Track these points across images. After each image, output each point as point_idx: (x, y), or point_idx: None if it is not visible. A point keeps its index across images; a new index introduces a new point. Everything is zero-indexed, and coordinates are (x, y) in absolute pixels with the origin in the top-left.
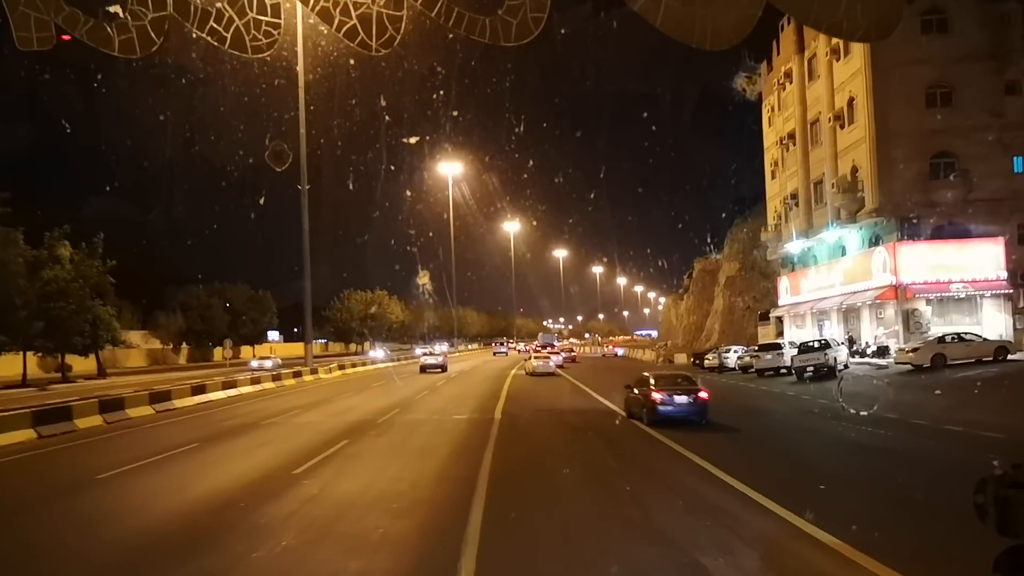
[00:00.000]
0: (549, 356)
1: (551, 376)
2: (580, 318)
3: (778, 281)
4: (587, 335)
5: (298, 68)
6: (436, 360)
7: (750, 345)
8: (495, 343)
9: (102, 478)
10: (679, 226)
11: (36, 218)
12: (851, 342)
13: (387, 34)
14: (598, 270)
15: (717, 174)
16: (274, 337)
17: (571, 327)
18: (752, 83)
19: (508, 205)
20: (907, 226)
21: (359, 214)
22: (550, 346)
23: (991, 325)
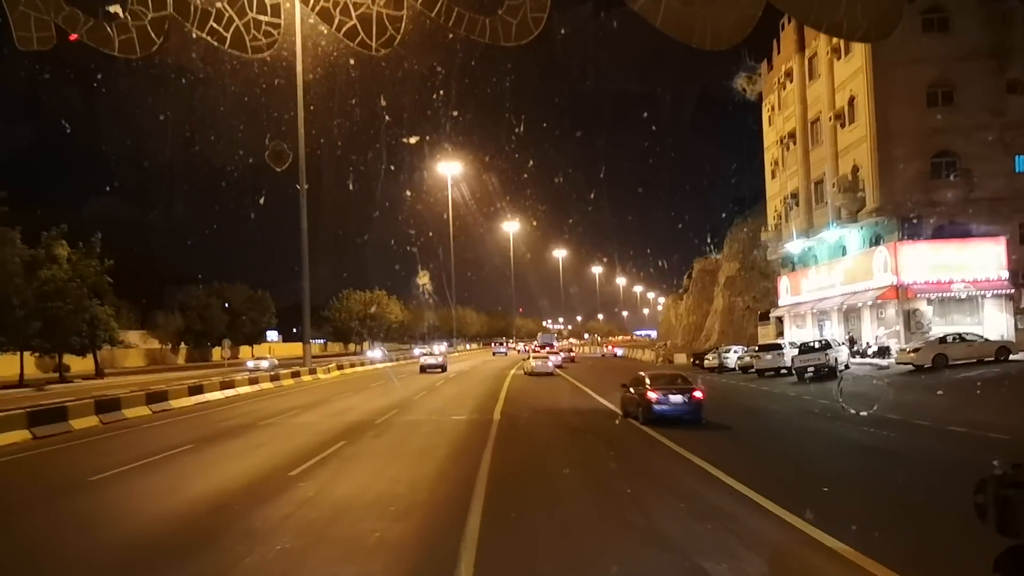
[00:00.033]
0: (548, 356)
1: (550, 376)
2: (579, 318)
3: (778, 281)
4: (586, 335)
5: (297, 68)
6: (436, 360)
7: (750, 345)
8: (494, 343)
9: (95, 480)
10: (679, 226)
11: (36, 218)
12: (852, 342)
13: (387, 34)
14: (598, 270)
15: (717, 174)
16: (273, 337)
17: (570, 327)
18: (752, 83)
19: (508, 205)
20: (908, 226)
21: (359, 214)
22: (549, 346)
23: (992, 325)
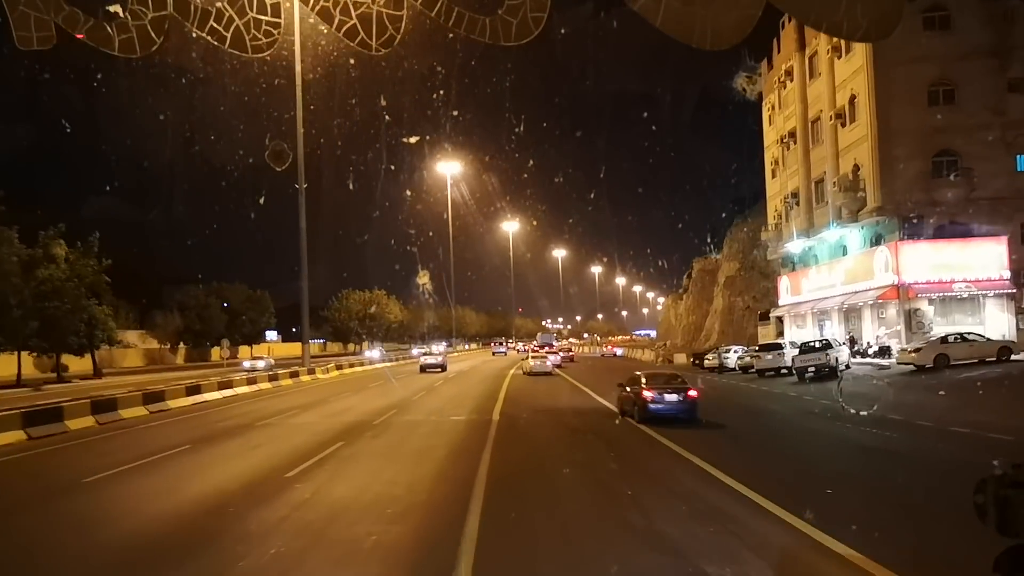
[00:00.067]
0: (546, 356)
1: (549, 376)
2: (579, 318)
3: (778, 281)
4: (586, 335)
5: (296, 67)
6: (435, 360)
7: (750, 345)
8: (494, 343)
9: (89, 481)
10: (679, 226)
11: (36, 217)
12: (852, 342)
13: (387, 34)
14: (597, 270)
15: (717, 174)
16: (272, 337)
17: (570, 327)
18: (752, 83)
19: (508, 205)
20: (909, 225)
21: (359, 214)
22: (548, 346)
23: (994, 325)
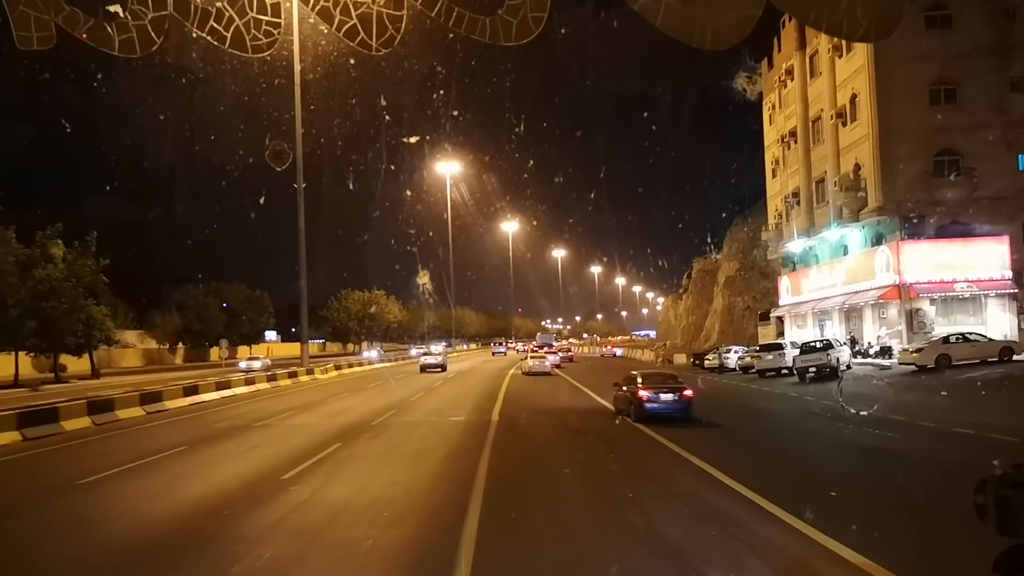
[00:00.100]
0: (545, 356)
1: (548, 376)
2: (578, 318)
3: (778, 281)
4: (585, 335)
5: (295, 67)
6: (435, 360)
7: (750, 345)
8: (493, 343)
9: (82, 483)
10: (679, 226)
11: (36, 217)
12: (853, 342)
13: (387, 34)
14: (597, 270)
15: (717, 174)
16: (272, 337)
17: (569, 327)
18: (752, 83)
19: (508, 205)
20: (910, 225)
21: (359, 214)
22: (548, 346)
23: (995, 325)
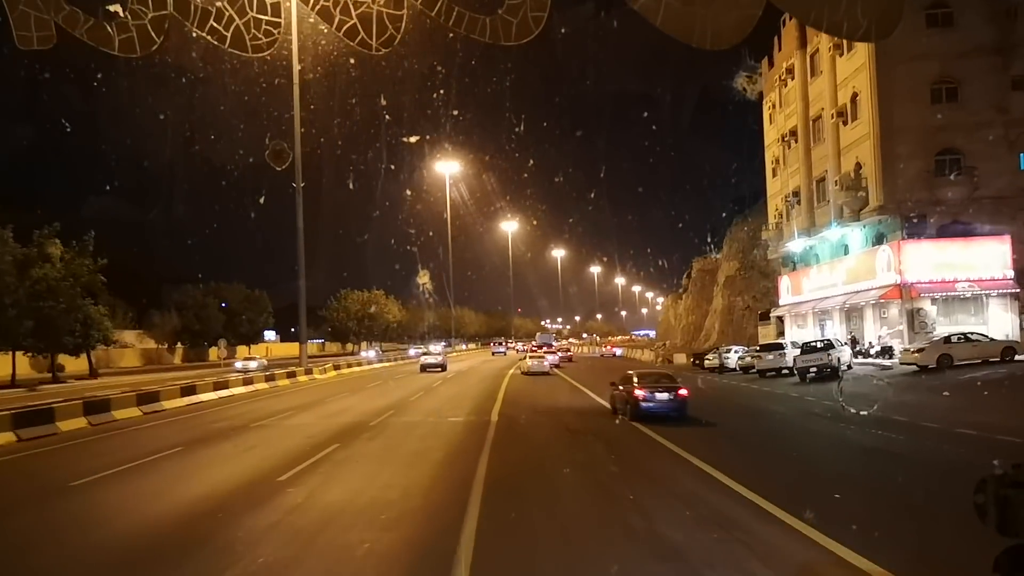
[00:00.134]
0: (544, 356)
1: (547, 376)
2: (578, 318)
3: (779, 280)
4: (585, 335)
5: (294, 65)
6: (436, 360)
7: (750, 345)
8: (493, 343)
9: (76, 485)
10: (679, 226)
11: (36, 217)
12: (854, 342)
13: (387, 33)
14: (596, 270)
15: (717, 174)
16: (271, 337)
17: (569, 327)
18: (752, 82)
19: (508, 205)
20: (911, 224)
21: (359, 214)
22: (547, 346)
23: (997, 325)
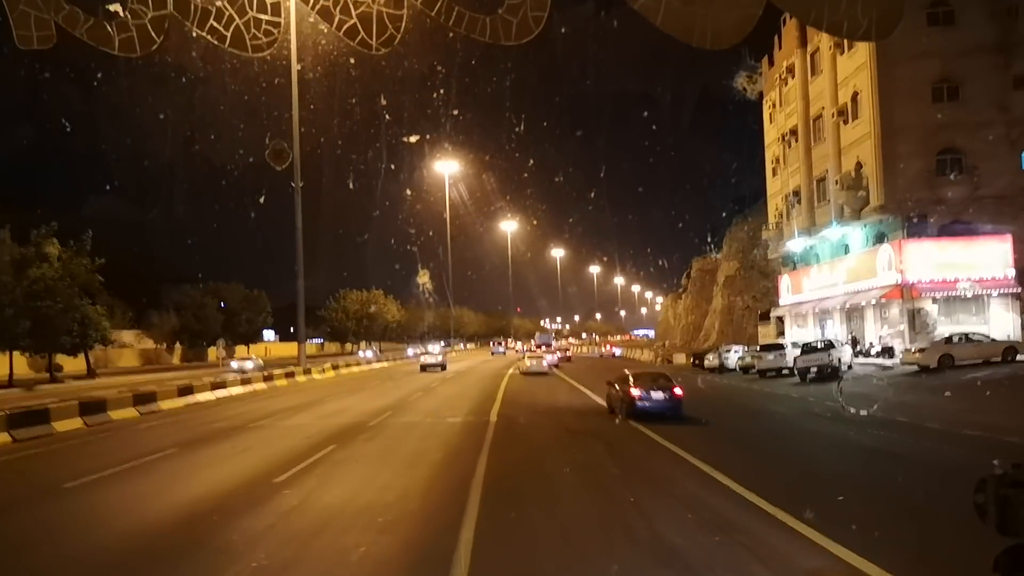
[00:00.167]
0: (543, 356)
1: (546, 376)
2: (577, 318)
3: (779, 280)
4: (584, 335)
5: (293, 65)
6: (435, 359)
7: (750, 345)
8: (493, 343)
9: (69, 487)
10: (679, 226)
11: (35, 217)
12: (855, 342)
13: (387, 33)
14: (596, 270)
15: (717, 173)
16: (270, 337)
17: (568, 327)
18: (753, 82)
19: (508, 204)
20: (912, 224)
21: (359, 213)
22: (546, 345)
23: (999, 325)
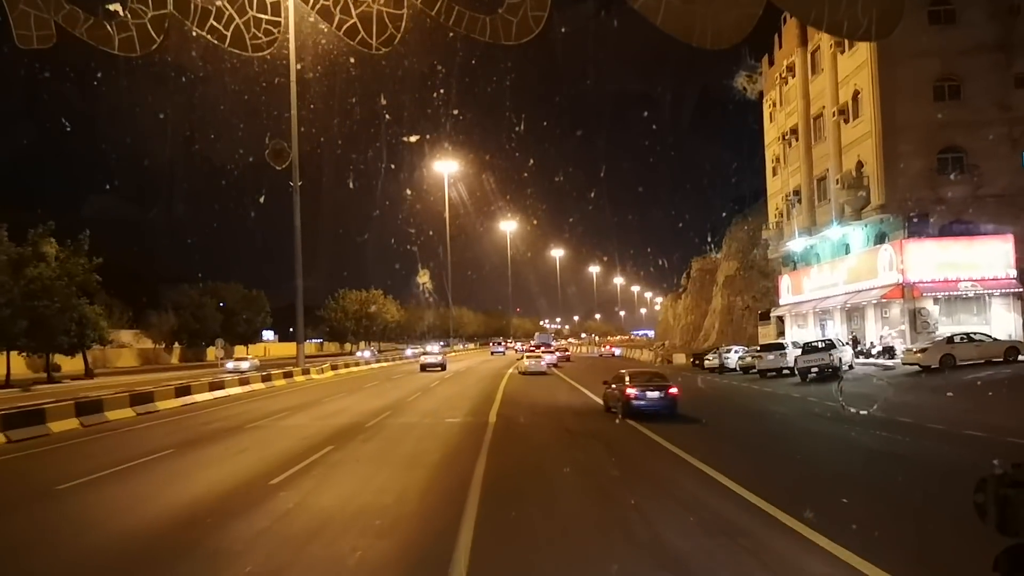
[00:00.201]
0: (542, 356)
1: (545, 375)
2: (577, 318)
3: (779, 280)
4: (584, 335)
5: (292, 64)
6: (435, 359)
7: (750, 345)
8: (492, 343)
9: (62, 489)
10: (679, 225)
11: (35, 216)
12: (855, 342)
13: (387, 32)
14: (595, 270)
15: (717, 173)
16: (269, 336)
17: (568, 327)
18: (753, 81)
19: (508, 204)
20: (913, 223)
21: (359, 213)
22: (546, 345)
23: (1000, 325)
